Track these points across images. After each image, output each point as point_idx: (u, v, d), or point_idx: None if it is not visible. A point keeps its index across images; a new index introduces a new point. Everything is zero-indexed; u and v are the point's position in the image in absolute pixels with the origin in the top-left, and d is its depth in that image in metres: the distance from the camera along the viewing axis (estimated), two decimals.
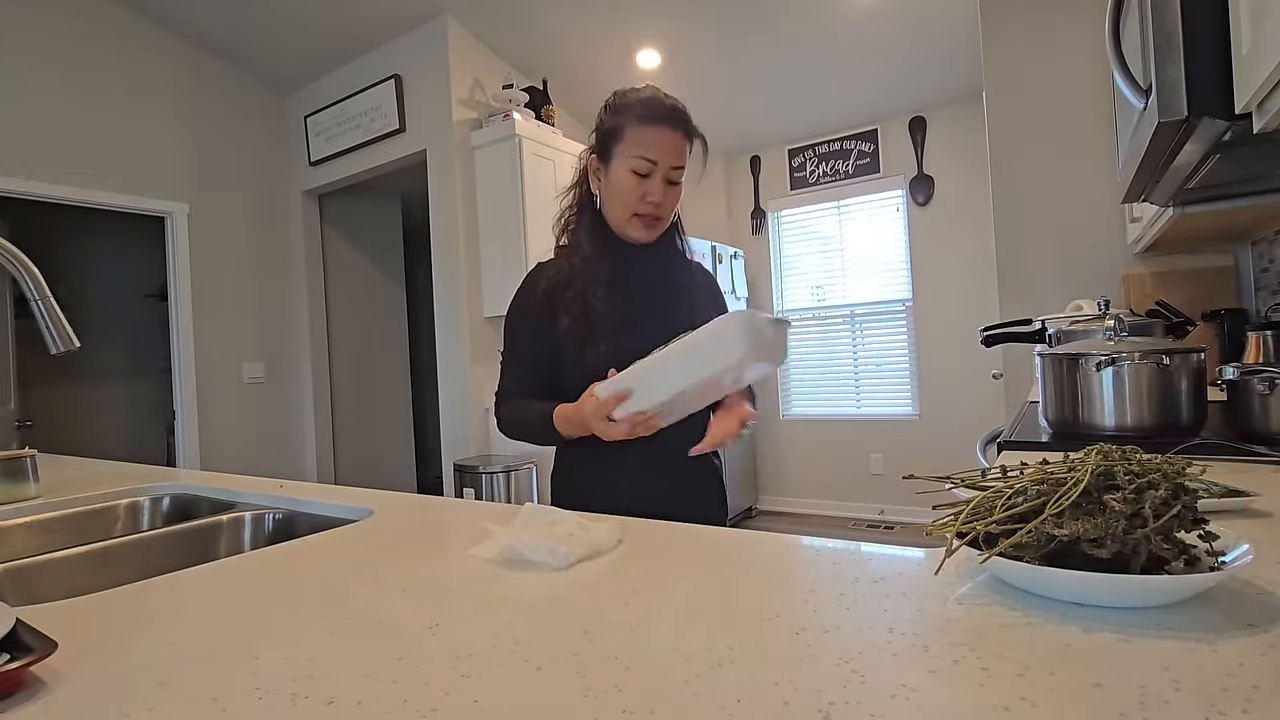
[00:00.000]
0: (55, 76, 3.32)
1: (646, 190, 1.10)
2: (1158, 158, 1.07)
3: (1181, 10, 0.81)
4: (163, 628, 0.54)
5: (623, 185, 1.10)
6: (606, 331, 1.10)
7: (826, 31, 3.42)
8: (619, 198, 1.12)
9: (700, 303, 1.19)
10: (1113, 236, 2.52)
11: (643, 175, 1.09)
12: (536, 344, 1.15)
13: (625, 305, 1.12)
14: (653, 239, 1.15)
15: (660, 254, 1.19)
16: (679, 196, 1.15)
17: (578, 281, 1.12)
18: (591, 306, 1.10)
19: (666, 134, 1.09)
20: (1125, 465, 0.51)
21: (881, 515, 4.28)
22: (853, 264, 4.45)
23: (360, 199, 4.55)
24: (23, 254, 0.93)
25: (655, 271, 1.18)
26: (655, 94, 1.12)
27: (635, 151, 1.09)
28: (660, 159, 1.09)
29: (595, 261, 1.13)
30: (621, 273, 1.14)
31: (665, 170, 1.10)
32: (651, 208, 1.11)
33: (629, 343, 1.06)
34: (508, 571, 0.63)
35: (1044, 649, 0.41)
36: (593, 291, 1.11)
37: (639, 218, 1.12)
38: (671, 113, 1.10)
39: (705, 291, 1.25)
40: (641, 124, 1.09)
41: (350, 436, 4.44)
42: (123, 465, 1.55)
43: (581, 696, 0.39)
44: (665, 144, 1.09)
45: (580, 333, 1.10)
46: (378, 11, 3.47)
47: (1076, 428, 1.15)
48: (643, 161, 1.08)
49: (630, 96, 1.12)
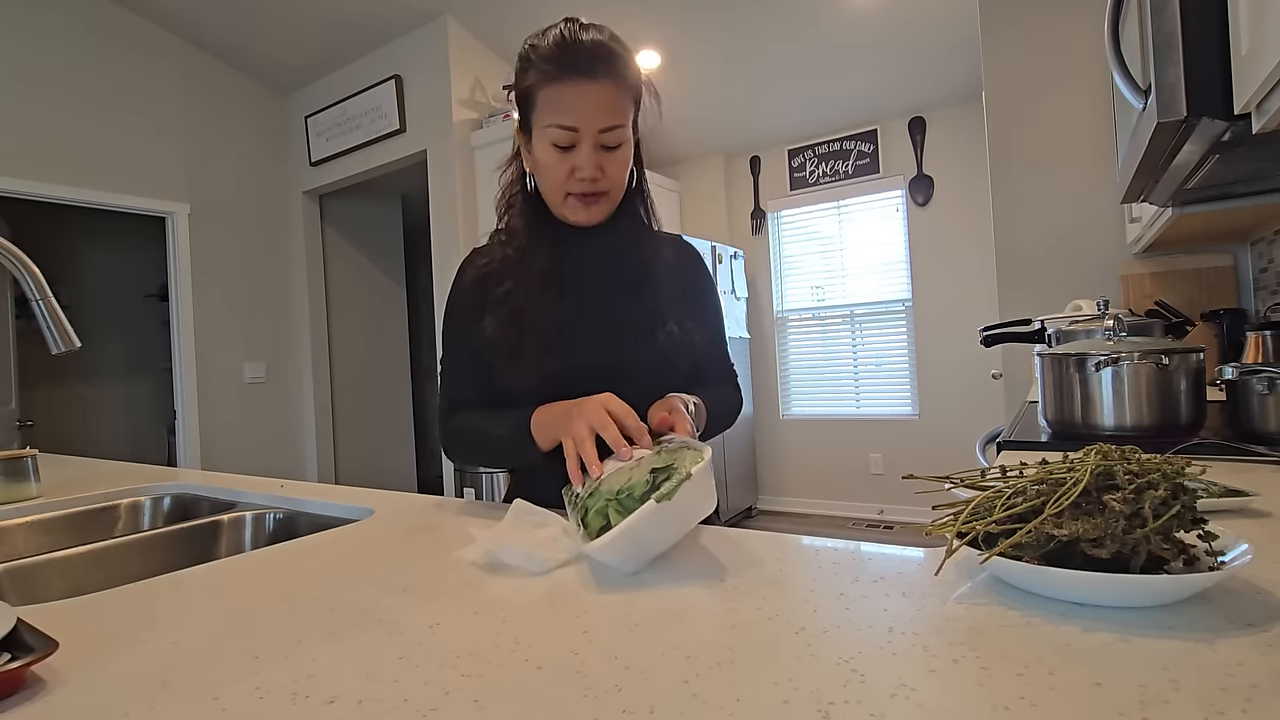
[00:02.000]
0: (57, 77, 3.32)
1: (575, 164, 0.87)
2: (1157, 158, 1.07)
3: (1180, 11, 0.81)
4: (164, 627, 0.54)
5: (545, 162, 0.88)
6: (535, 340, 0.91)
7: (826, 31, 3.42)
8: (545, 177, 0.90)
9: (665, 290, 0.96)
10: (1112, 236, 2.53)
11: (564, 148, 0.86)
12: (472, 347, 0.97)
13: (561, 304, 0.93)
14: (597, 220, 0.93)
15: (612, 237, 0.96)
16: (626, 162, 0.91)
17: (509, 277, 0.94)
18: (521, 309, 0.92)
19: (588, 89, 0.83)
20: (1125, 465, 0.51)
21: (881, 515, 4.28)
22: (852, 264, 4.45)
23: (361, 199, 4.55)
24: (24, 254, 0.93)
25: (604, 259, 0.96)
26: (566, 35, 0.84)
27: (550, 119, 0.85)
28: (582, 124, 0.84)
29: (530, 252, 0.94)
30: (560, 264, 0.94)
31: (593, 136, 0.85)
32: (585, 184, 0.88)
33: (563, 353, 0.91)
34: (507, 571, 0.63)
35: (1043, 649, 0.41)
36: (523, 291, 0.92)
37: (573, 198, 0.90)
38: (591, 57, 0.83)
39: (672, 276, 0.99)
40: (553, 81, 0.84)
41: (350, 436, 4.44)
42: (123, 465, 1.55)
43: (581, 696, 0.39)
44: (587, 103, 0.84)
45: (507, 339, 0.92)
46: (378, 12, 3.47)
47: (1076, 428, 1.15)
48: (560, 131, 0.85)
49: (539, 46, 0.86)
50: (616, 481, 0.67)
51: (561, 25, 0.86)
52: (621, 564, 0.61)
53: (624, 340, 0.93)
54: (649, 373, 0.92)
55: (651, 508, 0.59)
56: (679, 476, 0.61)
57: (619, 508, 0.63)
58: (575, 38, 0.84)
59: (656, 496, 0.59)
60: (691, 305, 1.01)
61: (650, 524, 0.59)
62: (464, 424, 0.96)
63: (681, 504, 0.60)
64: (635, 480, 0.66)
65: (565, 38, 0.84)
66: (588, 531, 0.64)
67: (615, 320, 0.94)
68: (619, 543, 0.59)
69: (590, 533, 0.64)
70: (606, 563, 0.61)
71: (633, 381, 0.89)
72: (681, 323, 0.96)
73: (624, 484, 0.66)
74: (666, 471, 0.65)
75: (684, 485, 0.60)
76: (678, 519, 0.62)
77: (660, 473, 0.65)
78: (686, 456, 0.66)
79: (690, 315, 0.99)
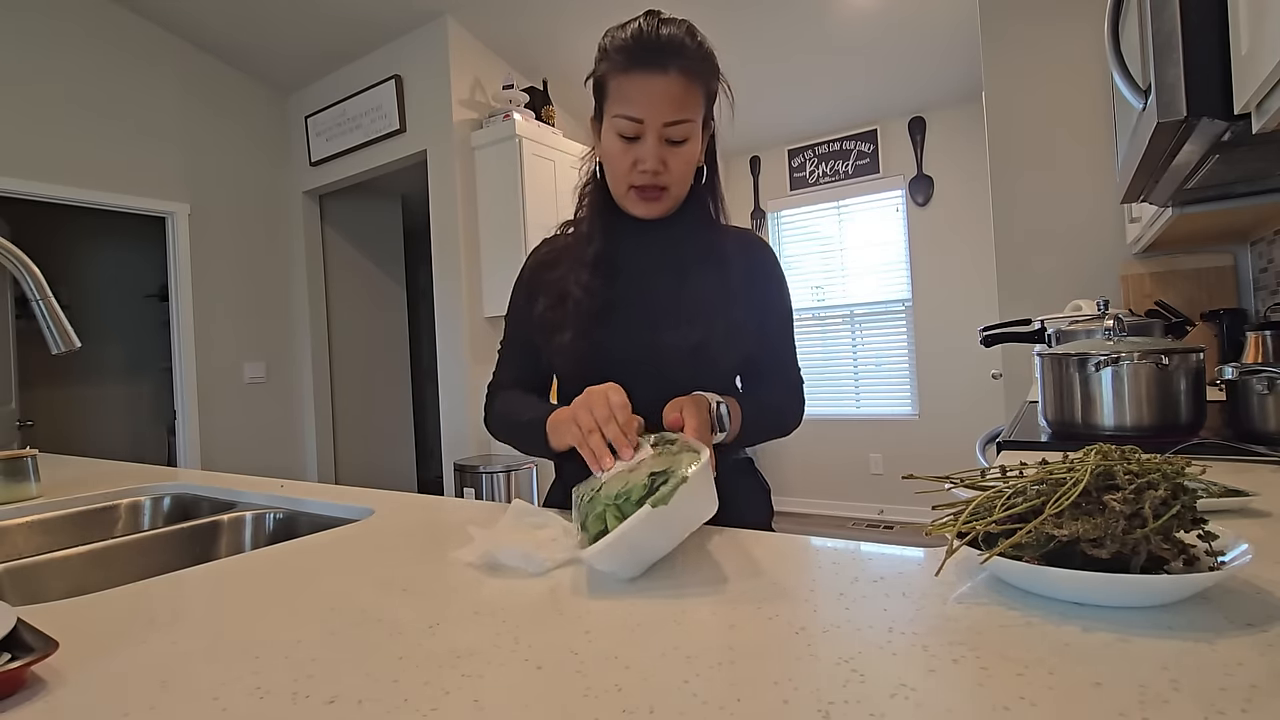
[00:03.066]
0: (56, 77, 3.32)
1: (638, 156, 0.86)
2: (1157, 158, 1.07)
3: (1180, 11, 0.81)
4: (164, 627, 0.54)
5: (611, 151, 0.89)
6: (576, 322, 0.91)
7: (826, 32, 3.42)
8: (611, 167, 0.91)
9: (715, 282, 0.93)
10: (1112, 236, 2.53)
11: (629, 138, 0.86)
12: (525, 329, 0.99)
13: (608, 290, 0.93)
14: (656, 215, 0.93)
15: (673, 228, 0.95)
16: (691, 158, 0.89)
17: (564, 261, 0.96)
18: (568, 292, 0.93)
19: (655, 81, 0.83)
20: (1125, 465, 0.51)
21: (881, 515, 4.28)
22: (852, 264, 4.45)
23: (360, 199, 4.55)
24: (24, 254, 0.93)
25: (660, 249, 0.95)
26: (643, 27, 0.85)
27: (617, 109, 0.86)
28: (647, 115, 0.84)
29: (587, 239, 0.95)
30: (614, 251, 0.95)
31: (657, 129, 0.85)
32: (647, 177, 0.87)
33: (604, 335, 0.90)
34: (507, 571, 0.63)
35: (1043, 648, 0.41)
36: (574, 274, 0.93)
37: (635, 191, 0.90)
38: (661, 50, 0.83)
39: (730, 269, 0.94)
40: (624, 72, 0.85)
41: (350, 436, 4.44)
42: (123, 465, 1.55)
43: (581, 696, 0.39)
44: (654, 94, 0.83)
45: (552, 320, 0.93)
46: (378, 12, 3.47)
47: (1076, 428, 1.15)
48: (625, 122, 0.85)
49: (616, 35, 0.87)
50: (615, 485, 0.66)
51: (641, 18, 0.86)
52: (619, 570, 0.60)
53: (662, 328, 0.90)
54: (686, 363, 0.89)
55: (646, 513, 0.57)
56: (675, 480, 0.59)
57: (617, 512, 0.62)
58: (651, 30, 0.84)
59: (652, 501, 0.58)
60: (752, 301, 0.95)
61: (645, 530, 0.58)
62: (501, 405, 0.99)
63: (679, 508, 0.58)
64: (633, 484, 0.65)
65: (641, 30, 0.84)
66: (587, 535, 0.64)
67: (657, 308, 0.92)
68: (613, 549, 0.58)
69: (589, 537, 0.63)
70: (604, 570, 0.61)
71: (668, 371, 0.88)
72: (731, 317, 0.92)
73: (622, 488, 0.65)
74: (664, 475, 0.63)
75: (680, 489, 0.58)
76: (676, 523, 0.60)
77: (658, 476, 0.64)
78: (684, 459, 0.65)
79: (746, 311, 0.94)
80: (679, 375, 0.88)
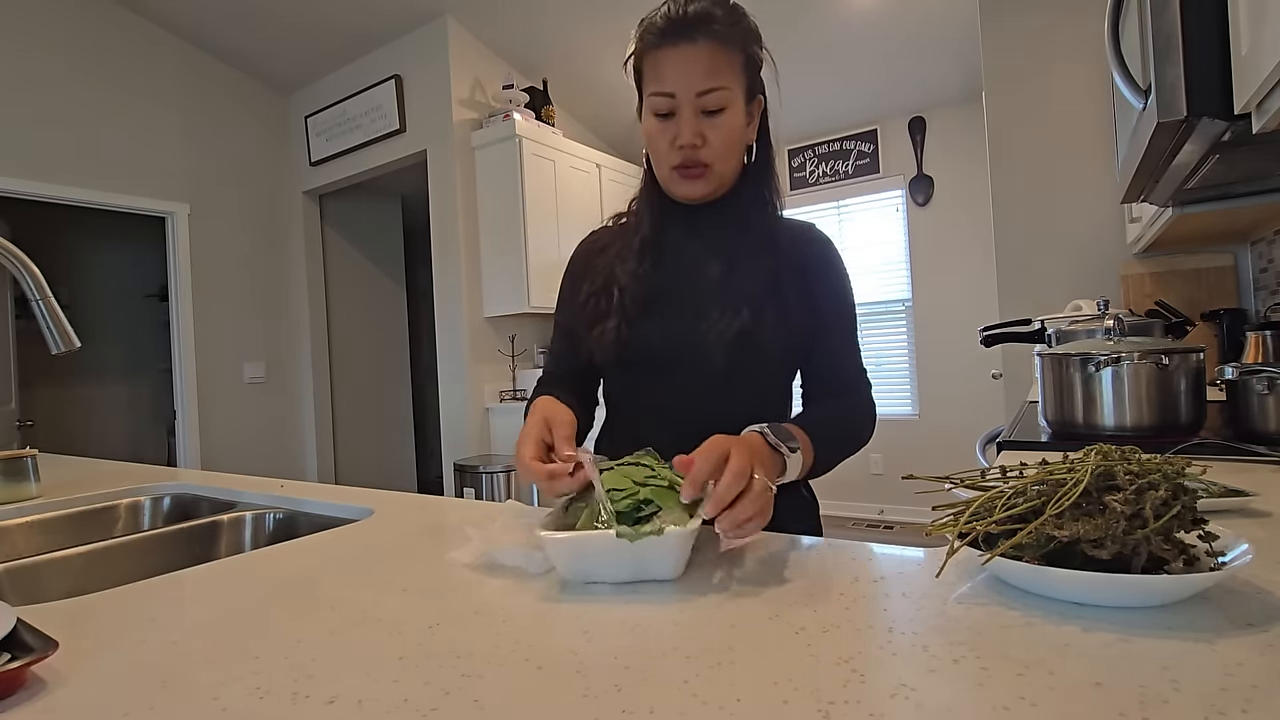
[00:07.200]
0: (56, 77, 3.32)
1: (675, 132, 0.83)
2: (1157, 158, 1.07)
3: (1181, 11, 0.81)
4: (164, 627, 0.54)
5: (650, 133, 0.86)
6: (622, 307, 0.89)
7: (826, 31, 3.42)
8: (653, 150, 0.88)
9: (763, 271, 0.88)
10: (1112, 236, 2.52)
11: (664, 115, 0.84)
12: (570, 321, 0.98)
13: (653, 276, 0.91)
14: (700, 194, 0.88)
15: (723, 214, 0.91)
16: (731, 129, 0.84)
17: (611, 248, 0.95)
18: (613, 278, 0.91)
19: (684, 52, 0.80)
20: (1125, 465, 0.51)
21: (881, 515, 4.28)
22: (852, 264, 4.44)
23: (360, 199, 4.55)
24: (23, 254, 0.93)
25: (707, 235, 0.92)
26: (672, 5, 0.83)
27: (650, 88, 0.84)
28: (679, 88, 0.81)
29: (636, 226, 0.94)
30: (660, 237, 0.93)
31: (691, 101, 0.81)
32: (685, 153, 0.84)
33: (648, 322, 0.89)
34: (507, 571, 0.63)
35: (1044, 648, 0.41)
36: (620, 261, 0.92)
37: (676, 171, 0.86)
38: (688, 23, 0.80)
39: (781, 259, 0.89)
40: (653, 50, 0.83)
41: (350, 436, 4.44)
42: (123, 465, 1.55)
43: (581, 696, 0.39)
44: (682, 66, 0.81)
45: (596, 307, 0.92)
46: (378, 12, 3.47)
47: (1076, 428, 1.15)
48: (659, 99, 0.83)
49: (647, 18, 0.85)
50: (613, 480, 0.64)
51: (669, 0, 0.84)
52: (562, 569, 0.60)
53: (705, 317, 0.87)
54: (729, 353, 0.85)
55: (608, 539, 0.56)
56: (653, 527, 0.57)
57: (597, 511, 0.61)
58: (679, 8, 0.82)
59: (619, 531, 0.56)
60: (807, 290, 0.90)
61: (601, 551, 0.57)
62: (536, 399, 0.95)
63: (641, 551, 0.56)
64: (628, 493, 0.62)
65: (669, 9, 0.83)
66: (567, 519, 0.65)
67: (701, 296, 0.89)
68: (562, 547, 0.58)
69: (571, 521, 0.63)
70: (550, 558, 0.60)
71: (709, 360, 0.86)
72: (781, 308, 0.87)
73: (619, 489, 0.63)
74: (653, 508, 0.61)
75: (649, 537, 0.56)
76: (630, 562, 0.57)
77: (649, 505, 0.61)
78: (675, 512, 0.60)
79: (798, 298, 0.89)
80: (722, 363, 0.86)
